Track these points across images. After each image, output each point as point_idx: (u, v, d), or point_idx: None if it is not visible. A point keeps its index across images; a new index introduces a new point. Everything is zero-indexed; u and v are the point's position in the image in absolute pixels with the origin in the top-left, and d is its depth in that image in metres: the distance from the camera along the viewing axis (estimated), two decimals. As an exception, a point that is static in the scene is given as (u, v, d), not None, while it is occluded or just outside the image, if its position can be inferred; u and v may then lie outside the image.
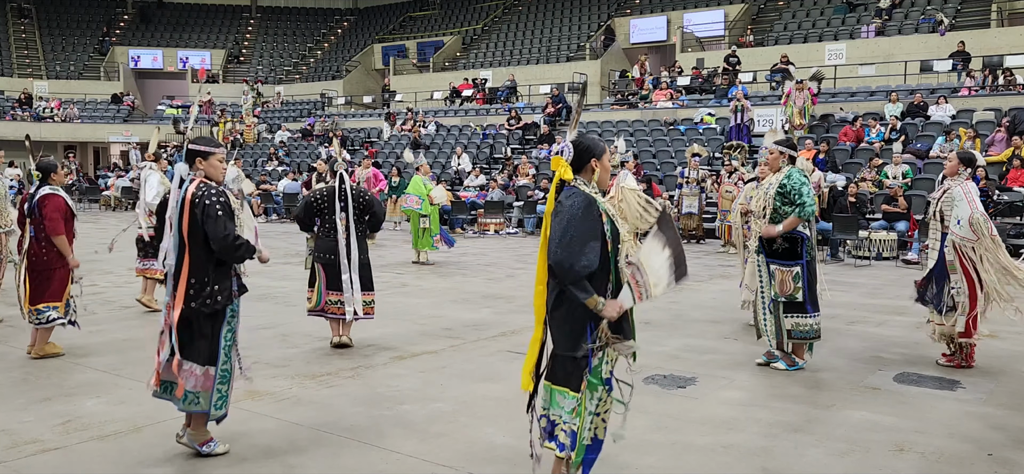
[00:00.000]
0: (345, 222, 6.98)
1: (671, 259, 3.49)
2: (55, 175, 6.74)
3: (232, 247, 4.38)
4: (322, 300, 6.99)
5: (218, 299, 4.42)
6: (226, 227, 4.37)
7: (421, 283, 11.02)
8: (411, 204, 12.58)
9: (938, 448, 4.65)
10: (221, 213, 4.36)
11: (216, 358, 4.45)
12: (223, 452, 4.52)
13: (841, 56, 22.96)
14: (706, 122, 21.19)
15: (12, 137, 31.14)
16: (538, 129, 23.87)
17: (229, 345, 4.52)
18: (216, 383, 4.45)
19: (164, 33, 40.40)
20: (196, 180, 4.45)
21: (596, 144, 3.67)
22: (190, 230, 4.39)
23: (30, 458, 4.45)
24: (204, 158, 4.49)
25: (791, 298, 6.13)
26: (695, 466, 4.40)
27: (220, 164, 4.55)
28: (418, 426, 4.99)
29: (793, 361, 6.25)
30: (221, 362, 4.47)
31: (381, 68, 36.41)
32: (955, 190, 6.25)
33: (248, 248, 4.48)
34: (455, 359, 6.71)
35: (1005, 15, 22.70)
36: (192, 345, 4.41)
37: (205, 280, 4.39)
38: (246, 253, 4.48)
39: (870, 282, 11.24)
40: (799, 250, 6.12)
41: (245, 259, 4.54)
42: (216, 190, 4.45)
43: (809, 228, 6.21)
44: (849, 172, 16.46)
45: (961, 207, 6.16)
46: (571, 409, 3.58)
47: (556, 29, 33.14)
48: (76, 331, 6.92)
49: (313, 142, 28.79)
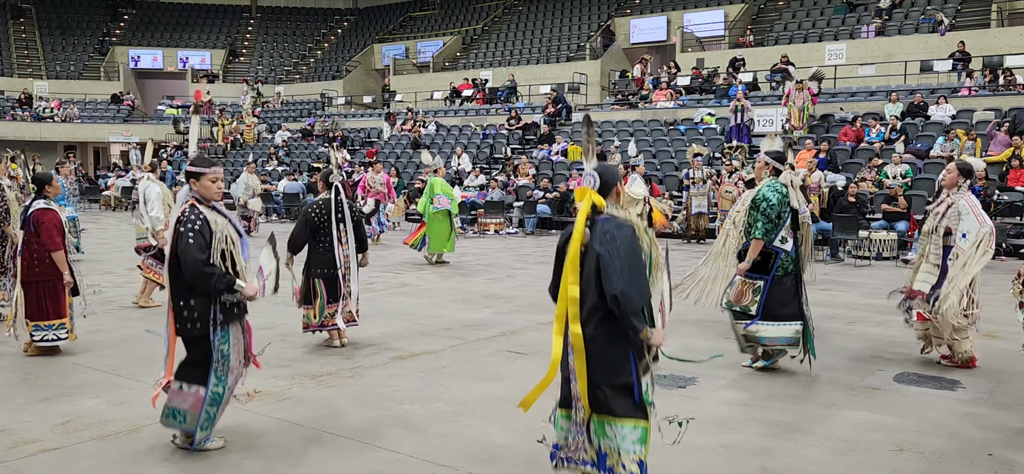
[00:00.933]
0: (345, 233, 6.97)
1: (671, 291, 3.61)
2: (50, 187, 6.80)
3: (202, 275, 4.27)
4: (322, 315, 6.98)
5: (197, 325, 4.38)
6: (196, 255, 4.26)
7: (421, 283, 11.01)
8: (443, 205, 12.70)
9: (938, 448, 4.65)
10: (192, 240, 4.28)
11: (206, 380, 4.42)
12: (218, 447, 4.53)
13: (841, 56, 22.95)
14: (706, 122, 21.18)
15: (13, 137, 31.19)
16: (538, 129, 23.87)
17: (221, 370, 4.45)
18: (205, 405, 4.43)
19: (164, 33, 40.40)
20: (189, 201, 4.45)
21: (614, 170, 3.67)
22: (173, 254, 4.39)
23: (30, 458, 4.45)
24: (197, 178, 4.46)
25: (745, 310, 6.17)
26: (695, 466, 4.40)
27: (211, 184, 4.49)
28: (418, 426, 4.99)
29: (757, 357, 6.31)
30: (211, 384, 4.43)
31: (381, 68, 36.40)
32: (960, 203, 6.22)
33: (222, 279, 4.32)
34: (455, 359, 6.71)
35: (1005, 15, 22.70)
36: (185, 366, 4.48)
37: (187, 304, 4.38)
38: (219, 284, 4.31)
39: (870, 282, 11.24)
40: (769, 265, 6.12)
41: (219, 291, 4.35)
42: (193, 215, 4.36)
43: (789, 242, 6.12)
44: (849, 172, 16.46)
45: (968, 221, 6.12)
46: (637, 438, 3.51)
47: (556, 29, 33.14)
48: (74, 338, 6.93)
49: (313, 142, 28.79)
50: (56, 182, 7.05)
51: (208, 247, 4.34)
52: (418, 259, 13.59)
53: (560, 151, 21.96)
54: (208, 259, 4.32)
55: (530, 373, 6.23)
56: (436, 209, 12.65)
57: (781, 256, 6.10)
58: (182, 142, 32.19)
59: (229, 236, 4.48)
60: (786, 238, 6.11)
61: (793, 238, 6.15)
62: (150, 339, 7.29)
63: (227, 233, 4.48)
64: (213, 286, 4.30)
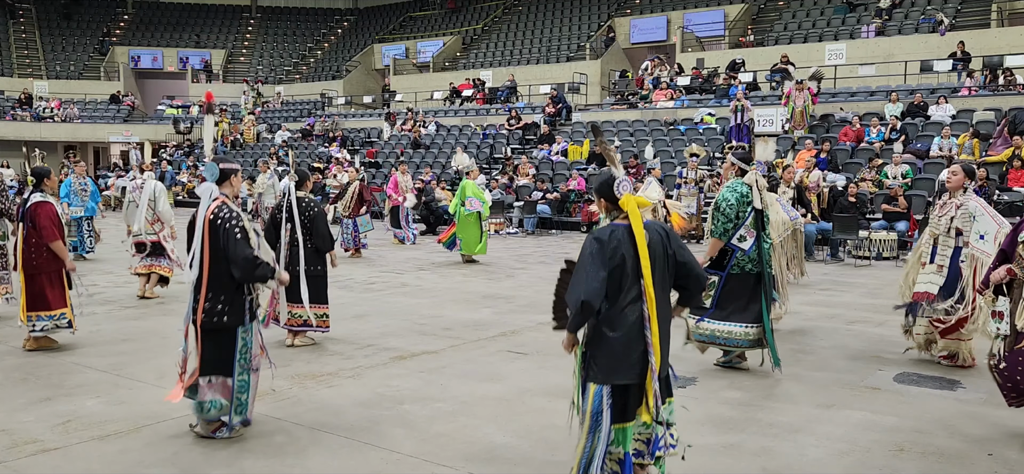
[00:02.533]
0: (289, 234, 6.94)
1: None
2: (48, 181, 6.94)
3: (253, 267, 4.58)
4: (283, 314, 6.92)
5: (225, 319, 4.64)
6: (246, 249, 4.58)
7: (421, 283, 11.02)
8: (474, 207, 12.86)
9: (938, 448, 4.65)
10: (240, 236, 4.58)
11: (231, 369, 4.68)
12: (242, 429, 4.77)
13: (841, 56, 22.94)
14: (706, 122, 21.18)
15: (13, 137, 31.18)
16: (538, 129, 23.87)
17: (245, 359, 4.72)
18: (235, 392, 4.69)
19: (164, 33, 40.40)
20: (218, 199, 4.68)
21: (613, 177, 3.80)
22: (212, 250, 4.59)
23: (30, 458, 4.45)
24: (227, 178, 4.78)
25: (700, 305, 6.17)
26: (695, 466, 4.40)
27: (238, 181, 4.87)
28: (418, 426, 4.99)
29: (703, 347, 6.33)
30: (237, 373, 4.69)
31: (381, 68, 36.40)
32: (971, 204, 6.22)
33: (268, 269, 4.66)
34: (455, 359, 6.71)
35: (1005, 15, 22.69)
36: (211, 359, 4.66)
37: (221, 298, 4.62)
38: (266, 273, 4.65)
39: (870, 282, 11.23)
40: (725, 261, 6.16)
41: (267, 280, 4.70)
42: (233, 213, 4.65)
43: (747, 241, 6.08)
44: (849, 172, 16.46)
45: (983, 222, 6.10)
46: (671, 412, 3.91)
47: (556, 29, 33.14)
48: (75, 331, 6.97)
49: (313, 142, 28.79)
50: (54, 177, 7.17)
51: (249, 242, 4.64)
52: (418, 259, 13.62)
53: (560, 151, 21.97)
54: (255, 252, 4.64)
55: (530, 373, 6.24)
56: (468, 211, 12.82)
57: (737, 254, 6.12)
58: (182, 142, 32.21)
59: (255, 229, 4.82)
60: (744, 237, 6.11)
61: (757, 237, 6.13)
62: (150, 339, 7.31)
63: (253, 227, 4.82)
64: (261, 276, 4.63)
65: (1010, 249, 4.93)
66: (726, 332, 6.17)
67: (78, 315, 7.20)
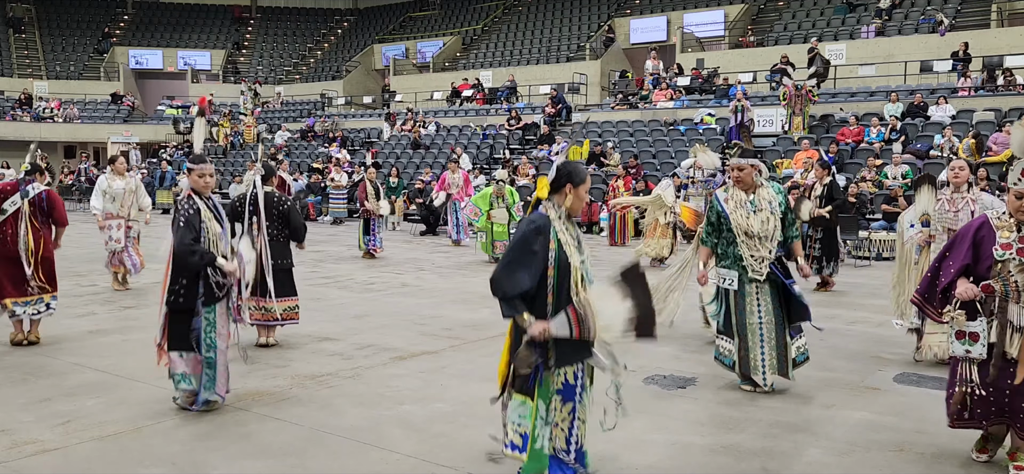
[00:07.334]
0: (257, 227, 6.91)
1: (631, 314, 3.51)
2: (40, 174, 7.41)
3: (186, 253, 4.93)
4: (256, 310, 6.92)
5: (182, 299, 5.03)
6: (185, 236, 4.94)
7: (421, 283, 11.01)
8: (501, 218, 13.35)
9: (938, 448, 4.65)
10: (182, 224, 4.97)
11: (198, 347, 5.04)
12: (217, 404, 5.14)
13: (841, 56, 22.92)
14: (706, 122, 21.18)
15: (13, 137, 31.18)
16: (538, 129, 23.86)
17: (210, 336, 5.06)
18: (204, 368, 5.07)
19: (164, 33, 40.39)
20: (186, 192, 5.14)
21: (578, 172, 3.72)
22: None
23: (30, 458, 4.45)
24: (189, 172, 5.23)
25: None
26: (695, 466, 4.40)
27: (199, 178, 5.16)
28: (418, 426, 4.99)
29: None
30: (204, 350, 5.04)
31: (381, 68, 36.40)
32: (984, 197, 6.24)
33: (205, 256, 4.96)
34: (455, 359, 6.71)
35: (1005, 15, 22.69)
36: (177, 335, 5.08)
37: (181, 281, 5.04)
38: (201, 260, 4.94)
39: (870, 282, 11.24)
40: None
41: (201, 267, 4.97)
42: (190, 204, 5.05)
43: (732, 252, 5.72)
44: (849, 172, 16.46)
45: None
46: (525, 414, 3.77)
47: (556, 29, 33.14)
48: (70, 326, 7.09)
49: (313, 142, 28.79)
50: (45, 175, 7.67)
51: (197, 232, 4.99)
52: (418, 259, 13.62)
53: (560, 151, 21.96)
54: (194, 241, 4.96)
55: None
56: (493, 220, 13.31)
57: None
58: (182, 142, 32.21)
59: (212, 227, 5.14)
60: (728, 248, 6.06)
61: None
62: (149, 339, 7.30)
63: (211, 225, 5.12)
64: (195, 263, 4.93)
65: (973, 258, 4.22)
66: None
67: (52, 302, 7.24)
